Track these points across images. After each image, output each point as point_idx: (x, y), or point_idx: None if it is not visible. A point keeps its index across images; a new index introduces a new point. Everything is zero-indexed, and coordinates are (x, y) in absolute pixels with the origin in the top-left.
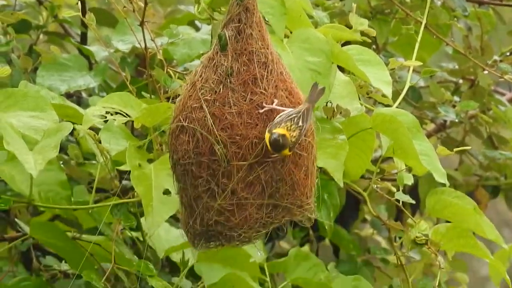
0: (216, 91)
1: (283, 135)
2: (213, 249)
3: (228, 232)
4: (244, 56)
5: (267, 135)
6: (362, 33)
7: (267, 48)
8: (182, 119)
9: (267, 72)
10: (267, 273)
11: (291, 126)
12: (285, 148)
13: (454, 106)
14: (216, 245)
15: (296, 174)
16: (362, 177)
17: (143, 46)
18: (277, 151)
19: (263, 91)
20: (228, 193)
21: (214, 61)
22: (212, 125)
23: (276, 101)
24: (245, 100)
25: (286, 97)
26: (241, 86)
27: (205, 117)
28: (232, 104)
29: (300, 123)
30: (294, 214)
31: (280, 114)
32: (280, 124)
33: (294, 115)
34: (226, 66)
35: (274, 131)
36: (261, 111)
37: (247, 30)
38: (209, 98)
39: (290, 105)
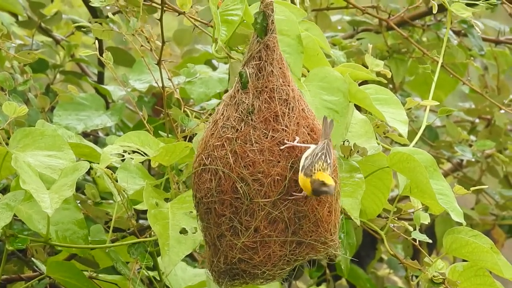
0: (237, 129)
1: (325, 183)
2: (238, 287)
3: (252, 270)
4: (265, 93)
5: (306, 180)
6: (379, 74)
7: (289, 85)
8: (204, 158)
9: (289, 109)
10: None
11: (323, 164)
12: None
13: (470, 146)
14: (240, 283)
15: (319, 210)
16: (379, 216)
17: (160, 85)
18: (318, 195)
19: (284, 128)
20: (251, 230)
21: (236, 99)
22: (233, 163)
23: (297, 138)
24: (266, 138)
25: (308, 134)
26: (262, 123)
27: (227, 155)
28: (253, 142)
29: (328, 160)
30: (318, 251)
31: (306, 155)
32: (313, 165)
33: (320, 153)
34: (247, 104)
35: (315, 177)
36: (281, 147)
37: (268, 67)
38: (230, 136)
39: (312, 142)
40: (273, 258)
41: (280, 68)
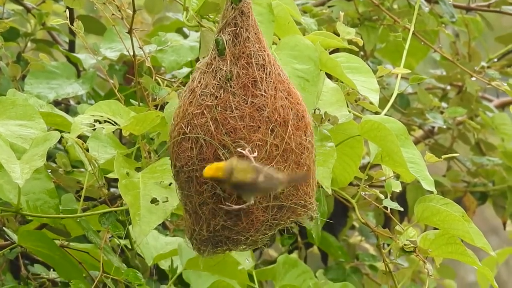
0: (217, 96)
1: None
2: (220, 254)
3: (235, 236)
4: (243, 59)
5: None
6: (350, 41)
7: (264, 50)
8: (183, 126)
9: (266, 74)
10: (255, 281)
11: (248, 171)
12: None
13: (442, 113)
14: (223, 250)
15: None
16: (350, 184)
17: (131, 53)
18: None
19: (263, 93)
20: (234, 197)
21: (213, 66)
22: (215, 130)
23: (247, 148)
24: (246, 104)
25: (286, 98)
26: (241, 89)
27: (207, 122)
28: (234, 108)
29: (261, 180)
30: (298, 214)
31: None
32: (240, 163)
33: (265, 172)
34: (225, 71)
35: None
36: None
37: (244, 33)
38: (210, 103)
39: (290, 105)
40: (256, 224)
41: (255, 33)
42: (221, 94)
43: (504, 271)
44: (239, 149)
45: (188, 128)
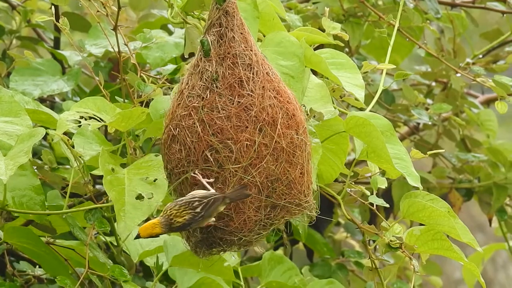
0: (203, 97)
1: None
2: (216, 255)
3: (228, 237)
4: (228, 59)
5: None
6: (335, 37)
7: (251, 50)
8: (172, 128)
9: (253, 74)
10: (241, 277)
11: (182, 211)
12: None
13: (427, 109)
14: (218, 251)
15: (291, 173)
16: (336, 180)
17: (116, 50)
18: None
19: (250, 93)
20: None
21: (199, 67)
22: (202, 132)
23: (198, 174)
24: (232, 104)
25: (274, 97)
26: (227, 90)
27: (194, 124)
28: (220, 109)
29: (198, 210)
30: (293, 213)
31: (183, 198)
32: (173, 207)
33: (196, 200)
34: (211, 72)
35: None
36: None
37: (229, 33)
38: (196, 104)
39: (279, 104)
40: (249, 224)
41: (241, 33)
42: (207, 95)
43: (490, 268)
44: (192, 174)
45: (177, 130)
